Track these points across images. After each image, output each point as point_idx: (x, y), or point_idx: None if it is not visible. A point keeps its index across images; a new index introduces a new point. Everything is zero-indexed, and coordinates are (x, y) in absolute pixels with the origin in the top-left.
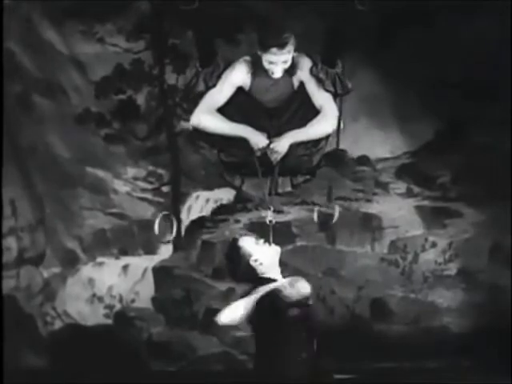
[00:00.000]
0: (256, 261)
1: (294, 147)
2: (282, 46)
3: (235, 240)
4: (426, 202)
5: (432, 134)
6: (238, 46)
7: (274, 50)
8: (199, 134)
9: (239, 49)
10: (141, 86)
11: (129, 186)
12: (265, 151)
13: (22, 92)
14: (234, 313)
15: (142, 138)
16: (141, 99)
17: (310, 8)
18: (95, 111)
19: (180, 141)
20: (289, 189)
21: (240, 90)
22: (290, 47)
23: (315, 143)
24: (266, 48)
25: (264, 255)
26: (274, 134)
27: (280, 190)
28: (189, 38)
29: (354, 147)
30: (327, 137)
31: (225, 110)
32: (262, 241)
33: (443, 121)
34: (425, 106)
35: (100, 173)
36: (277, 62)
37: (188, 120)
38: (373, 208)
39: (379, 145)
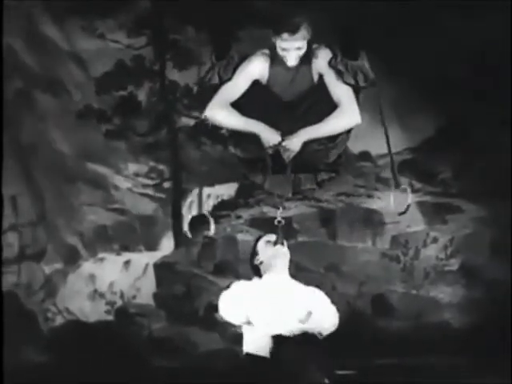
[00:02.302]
0: (257, 260)
1: (307, 143)
2: (293, 31)
3: (258, 238)
4: (427, 198)
5: (433, 130)
6: (247, 39)
7: (285, 35)
8: (202, 130)
9: (249, 42)
10: (142, 81)
11: (130, 181)
12: (277, 149)
13: (23, 88)
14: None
15: (142, 133)
16: (142, 95)
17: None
18: (96, 107)
19: (181, 136)
20: (313, 186)
21: (257, 82)
22: (304, 33)
23: (331, 138)
24: (277, 34)
25: (265, 256)
26: (287, 128)
27: (303, 188)
28: (190, 34)
29: (355, 143)
30: (348, 131)
31: (240, 103)
32: (273, 241)
33: (444, 117)
34: (426, 103)
35: (101, 169)
36: (289, 48)
37: (189, 116)
38: (374, 203)
39: (380, 141)
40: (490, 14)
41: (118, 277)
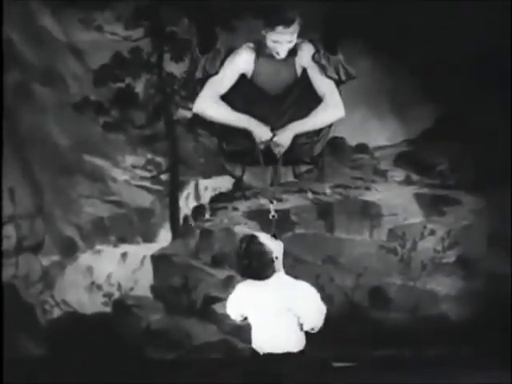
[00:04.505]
0: (277, 258)
1: (295, 137)
2: (288, 24)
3: (255, 237)
4: (424, 190)
5: (431, 121)
6: (234, 32)
7: (279, 28)
8: (199, 122)
9: (236, 35)
10: (139, 73)
11: (127, 174)
12: (268, 144)
13: (21, 80)
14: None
15: (140, 125)
16: (139, 87)
17: None
18: (94, 99)
19: (178, 128)
20: (291, 179)
21: (243, 76)
22: (296, 27)
23: (316, 132)
24: (271, 26)
25: (279, 251)
26: (274, 121)
27: (282, 180)
28: (187, 25)
29: (352, 135)
30: (330, 125)
31: (227, 97)
32: (270, 236)
33: (442, 108)
34: (423, 94)
35: (98, 161)
36: (282, 41)
37: (186, 107)
38: (372, 196)
39: (377, 133)
40: (490, 2)
41: (116, 269)
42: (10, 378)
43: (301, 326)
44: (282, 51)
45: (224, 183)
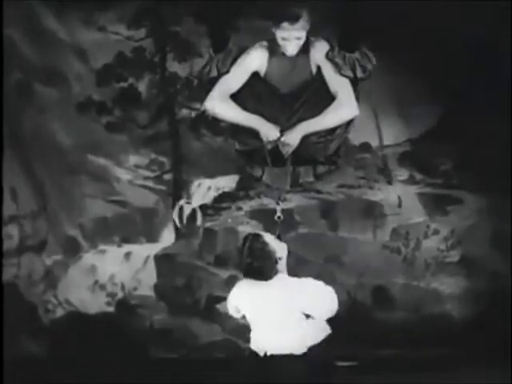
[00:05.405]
0: (280, 258)
1: (306, 136)
2: (293, 20)
3: (260, 236)
4: (428, 189)
5: (434, 121)
6: (237, 32)
7: (285, 24)
8: (202, 121)
9: (239, 35)
10: (142, 73)
11: (130, 173)
12: (276, 144)
13: (23, 80)
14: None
15: (143, 125)
16: (142, 87)
17: None
18: (97, 99)
19: (181, 128)
20: (311, 179)
21: (255, 75)
22: (303, 23)
23: (330, 130)
24: (277, 23)
25: (283, 252)
26: (286, 120)
27: (302, 181)
28: (190, 25)
29: (355, 134)
30: (347, 124)
31: (239, 95)
32: (274, 237)
33: (444, 108)
34: (426, 94)
35: (102, 161)
36: (289, 38)
37: (189, 107)
38: (375, 195)
39: (381, 132)
40: (490, 2)
41: (119, 268)
42: (11, 378)
43: (308, 317)
44: (290, 48)
45: (228, 183)
